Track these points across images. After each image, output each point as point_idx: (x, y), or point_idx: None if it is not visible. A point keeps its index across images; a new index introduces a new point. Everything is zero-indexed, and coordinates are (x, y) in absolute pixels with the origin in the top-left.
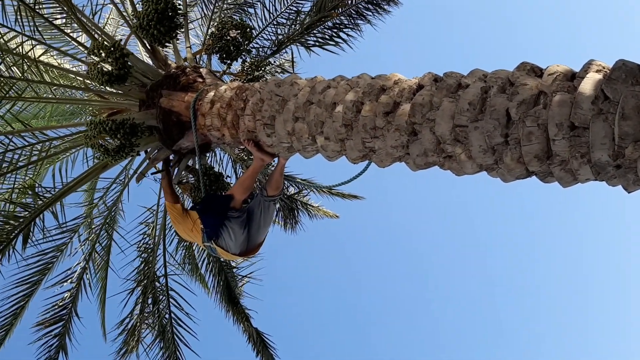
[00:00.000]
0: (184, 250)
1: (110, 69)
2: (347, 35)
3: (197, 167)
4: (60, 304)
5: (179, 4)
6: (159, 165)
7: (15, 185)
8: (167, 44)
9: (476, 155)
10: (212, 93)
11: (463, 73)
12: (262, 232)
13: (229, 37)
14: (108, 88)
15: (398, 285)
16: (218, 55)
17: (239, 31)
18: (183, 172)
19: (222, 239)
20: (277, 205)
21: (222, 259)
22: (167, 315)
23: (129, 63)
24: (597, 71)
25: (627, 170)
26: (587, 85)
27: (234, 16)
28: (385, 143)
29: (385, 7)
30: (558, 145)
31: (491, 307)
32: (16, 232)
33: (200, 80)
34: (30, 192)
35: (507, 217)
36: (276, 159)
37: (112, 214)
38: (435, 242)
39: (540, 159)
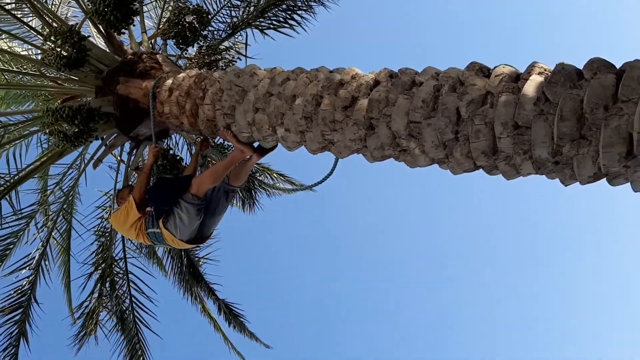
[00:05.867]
0: None
1: (66, 52)
2: (301, 17)
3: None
4: (20, 290)
5: None
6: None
7: None
8: (123, 31)
9: (429, 150)
10: (170, 81)
11: (416, 69)
12: (215, 220)
13: (185, 23)
14: (64, 74)
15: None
16: (174, 40)
17: (196, 16)
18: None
19: (172, 222)
20: (234, 198)
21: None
22: (126, 299)
23: (86, 46)
24: (539, 73)
25: (565, 166)
26: (530, 88)
27: None
28: (344, 136)
29: None
30: (503, 143)
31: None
32: None
33: (158, 67)
34: None
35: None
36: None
37: (70, 199)
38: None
39: (487, 154)
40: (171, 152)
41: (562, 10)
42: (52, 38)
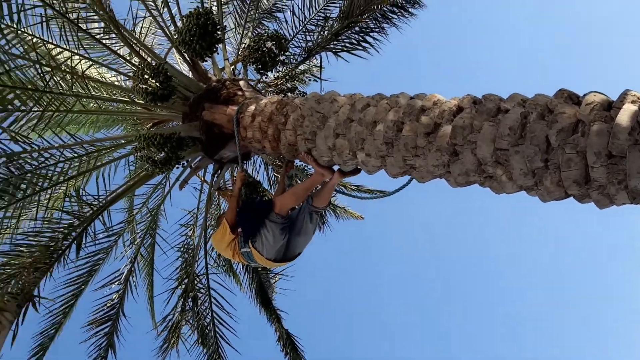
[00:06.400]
0: None
1: (154, 87)
2: (374, 39)
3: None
4: (109, 304)
5: (216, 16)
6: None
7: (65, 194)
8: (207, 58)
9: (517, 178)
10: (252, 107)
11: (501, 95)
12: (302, 240)
13: (265, 49)
14: (151, 104)
15: (428, 285)
16: (254, 66)
17: (274, 42)
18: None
19: (259, 241)
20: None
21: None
22: (208, 313)
23: (172, 82)
24: (633, 102)
25: None
26: (624, 117)
27: (263, 21)
28: (426, 161)
29: (410, 9)
30: (596, 172)
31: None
32: (69, 240)
33: (240, 93)
34: (79, 201)
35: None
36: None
37: (155, 217)
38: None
39: (579, 183)
40: (250, 179)
41: None
42: (142, 74)
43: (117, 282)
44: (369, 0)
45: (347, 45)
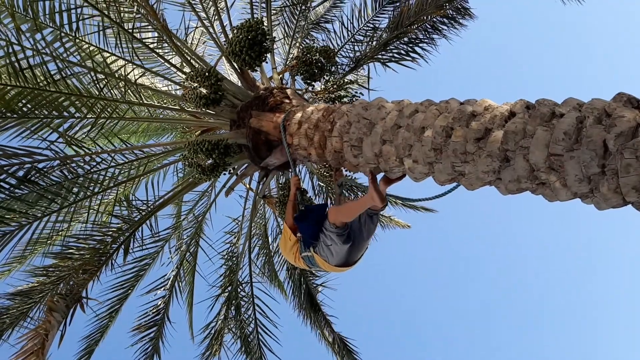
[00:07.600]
0: (264, 258)
1: (205, 92)
2: (423, 49)
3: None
4: (155, 309)
5: (265, 27)
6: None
7: (115, 199)
8: (256, 68)
9: (571, 184)
10: (299, 114)
11: (555, 100)
12: (364, 244)
13: (313, 60)
14: (202, 109)
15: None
16: (302, 76)
17: (323, 54)
18: (266, 188)
19: (320, 247)
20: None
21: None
22: (251, 321)
23: (222, 87)
24: None
25: None
26: None
27: (311, 32)
28: (476, 168)
29: (461, 20)
30: None
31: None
32: (117, 244)
33: (287, 101)
34: (128, 206)
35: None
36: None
37: (200, 224)
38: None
39: (638, 190)
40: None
41: None
42: (193, 79)
43: (163, 288)
44: (419, 11)
45: (396, 55)
